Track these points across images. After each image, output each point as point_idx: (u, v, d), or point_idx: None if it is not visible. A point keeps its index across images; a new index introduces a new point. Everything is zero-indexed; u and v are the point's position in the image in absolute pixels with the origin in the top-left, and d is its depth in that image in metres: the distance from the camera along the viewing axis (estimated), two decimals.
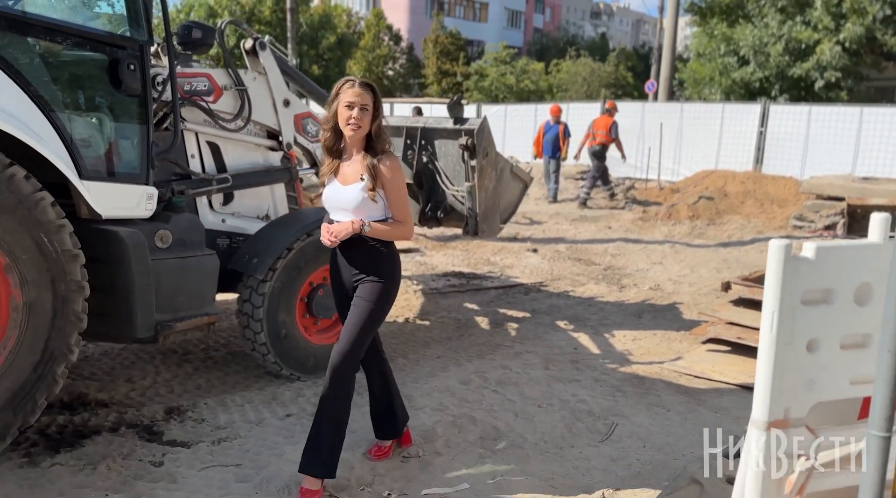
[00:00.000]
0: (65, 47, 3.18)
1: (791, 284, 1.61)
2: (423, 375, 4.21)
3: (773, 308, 1.62)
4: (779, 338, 1.62)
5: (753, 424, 1.69)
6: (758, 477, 1.67)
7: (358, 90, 2.67)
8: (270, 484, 2.75)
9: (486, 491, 2.84)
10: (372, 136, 2.73)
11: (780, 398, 1.65)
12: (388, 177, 2.71)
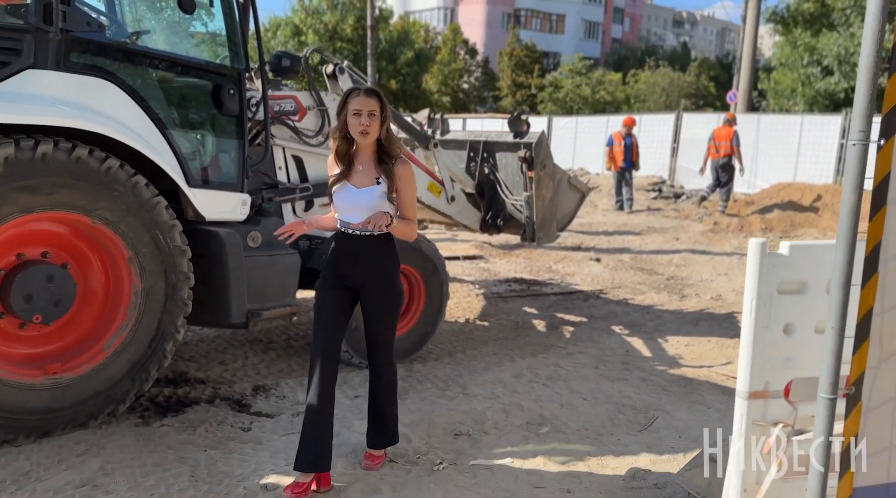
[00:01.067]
0: (176, 75, 3.76)
1: (767, 276, 1.92)
2: (478, 369, 4.59)
3: (751, 296, 1.93)
4: (757, 322, 1.93)
5: (737, 394, 2.00)
6: (740, 439, 1.98)
7: (364, 98, 2.77)
8: (340, 449, 3.20)
9: (526, 465, 3.19)
10: (382, 141, 2.85)
11: (760, 373, 1.96)
12: (403, 181, 2.86)
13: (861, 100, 1.58)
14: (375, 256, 2.91)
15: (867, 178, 1.61)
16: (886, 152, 1.62)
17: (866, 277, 1.67)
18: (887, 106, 1.62)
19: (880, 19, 1.54)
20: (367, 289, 2.94)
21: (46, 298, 3.10)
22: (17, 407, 2.99)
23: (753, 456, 1.98)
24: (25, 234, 3.10)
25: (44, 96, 3.11)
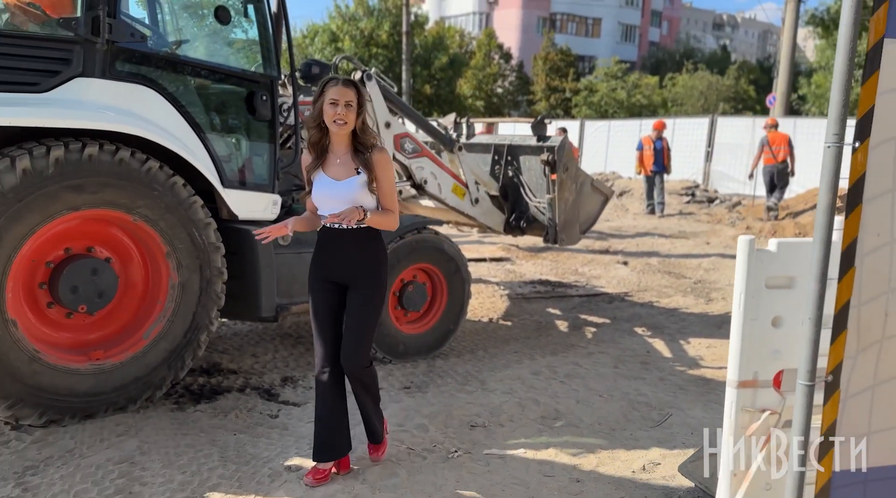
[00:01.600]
0: (212, 82, 3.99)
1: (755, 271, 2.03)
2: (498, 365, 4.72)
3: (740, 290, 2.04)
4: (745, 314, 2.04)
5: (728, 383, 2.11)
6: (730, 425, 2.09)
7: (341, 88, 2.73)
8: (360, 435, 3.37)
9: (538, 456, 3.32)
10: (357, 132, 2.80)
11: (749, 363, 2.06)
12: (380, 170, 2.81)
13: (835, 105, 1.69)
14: (361, 251, 2.87)
15: (842, 179, 1.72)
16: (860, 155, 1.72)
17: (843, 272, 1.77)
18: (861, 112, 1.72)
19: (853, 30, 1.65)
20: (353, 284, 2.90)
21: (91, 290, 3.35)
22: (64, 390, 3.23)
23: (743, 442, 2.08)
24: (72, 230, 3.34)
25: (91, 102, 3.35)
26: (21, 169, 3.04)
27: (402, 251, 4.53)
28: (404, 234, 4.54)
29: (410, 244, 4.56)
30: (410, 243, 4.56)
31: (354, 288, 2.90)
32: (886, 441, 1.90)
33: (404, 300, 4.65)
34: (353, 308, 2.89)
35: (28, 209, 3.08)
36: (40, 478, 2.79)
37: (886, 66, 1.69)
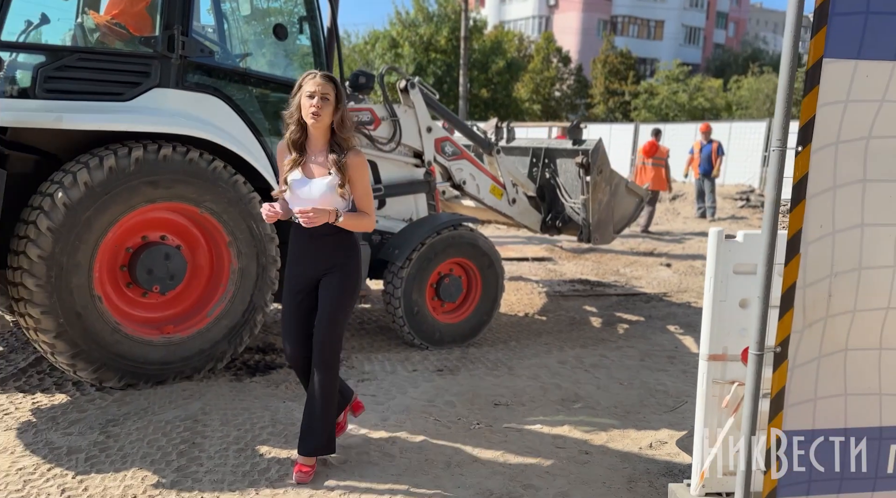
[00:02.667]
0: (271, 91, 4.47)
1: (724, 259, 2.32)
2: (528, 354, 5.04)
3: (711, 275, 2.34)
4: (715, 297, 2.33)
5: (700, 356, 2.40)
6: (702, 394, 2.38)
7: (319, 81, 2.70)
8: (394, 406, 3.78)
9: (553, 431, 3.64)
10: (335, 129, 2.77)
11: (719, 339, 2.35)
12: (355, 173, 2.77)
13: (779, 114, 1.98)
14: (333, 249, 2.85)
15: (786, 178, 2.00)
16: (803, 158, 2.00)
17: (789, 258, 2.05)
18: (803, 120, 1.99)
19: (793, 52, 1.94)
20: (324, 280, 2.89)
21: (163, 273, 3.86)
22: (139, 358, 3.75)
23: (714, 408, 2.37)
24: (148, 221, 3.86)
25: (166, 110, 3.87)
26: (108, 167, 3.57)
27: (438, 246, 4.92)
28: (441, 230, 4.93)
29: (446, 240, 4.94)
30: (446, 239, 4.94)
31: (325, 284, 2.88)
32: (832, 407, 2.16)
33: (441, 291, 5.03)
34: (326, 301, 2.87)
35: (113, 201, 3.60)
36: (120, 428, 3.29)
37: (825, 82, 1.97)
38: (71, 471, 2.88)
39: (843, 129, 2.01)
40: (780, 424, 2.12)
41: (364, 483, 2.93)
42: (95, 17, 4.34)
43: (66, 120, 3.57)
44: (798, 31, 1.95)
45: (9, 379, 3.88)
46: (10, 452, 3.03)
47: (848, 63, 1.98)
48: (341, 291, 2.88)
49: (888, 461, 2.21)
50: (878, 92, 2.00)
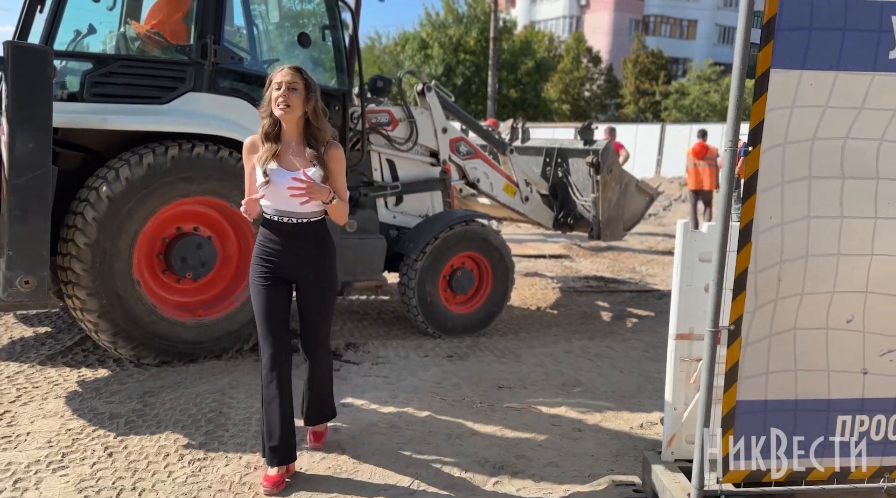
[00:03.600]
0: None
1: (690, 248, 2.57)
2: (535, 344, 5.31)
3: (678, 262, 2.60)
4: (682, 282, 2.59)
5: (669, 336, 2.66)
6: (671, 370, 2.64)
7: (287, 71, 2.68)
8: (404, 386, 4.09)
9: (551, 411, 3.91)
10: (310, 121, 2.72)
11: (685, 320, 2.61)
12: (335, 164, 2.75)
13: (731, 116, 2.23)
14: (312, 245, 2.82)
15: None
16: (753, 156, 2.25)
17: (741, 246, 2.30)
18: (753, 123, 2.24)
19: (743, 63, 2.19)
20: (305, 279, 2.85)
21: (196, 261, 4.22)
22: (173, 338, 4.12)
23: (681, 385, 2.63)
24: (182, 213, 4.23)
25: (199, 112, 4.23)
26: (147, 164, 3.95)
27: (451, 240, 5.21)
28: (454, 225, 5.22)
29: (459, 234, 5.24)
30: (459, 233, 5.24)
31: (306, 283, 2.86)
32: (783, 381, 2.39)
33: (453, 283, 5.33)
34: (313, 297, 2.88)
35: (151, 195, 3.97)
36: (155, 399, 3.66)
37: (772, 89, 2.22)
38: (112, 432, 3.25)
39: (789, 131, 2.25)
40: (734, 394, 2.37)
41: (371, 450, 3.25)
42: (136, 27, 4.73)
43: (111, 121, 3.96)
44: (748, 44, 2.20)
45: (57, 355, 4.29)
46: (60, 415, 3.41)
47: (793, 73, 2.22)
48: (327, 292, 2.92)
49: (835, 430, 2.44)
50: (822, 98, 2.24)
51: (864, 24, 2.21)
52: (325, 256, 2.89)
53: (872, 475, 2.50)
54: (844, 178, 2.30)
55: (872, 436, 2.46)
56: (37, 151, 3.53)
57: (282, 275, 2.84)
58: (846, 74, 2.24)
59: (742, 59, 2.20)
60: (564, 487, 2.98)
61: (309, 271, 2.86)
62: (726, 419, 2.40)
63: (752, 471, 2.44)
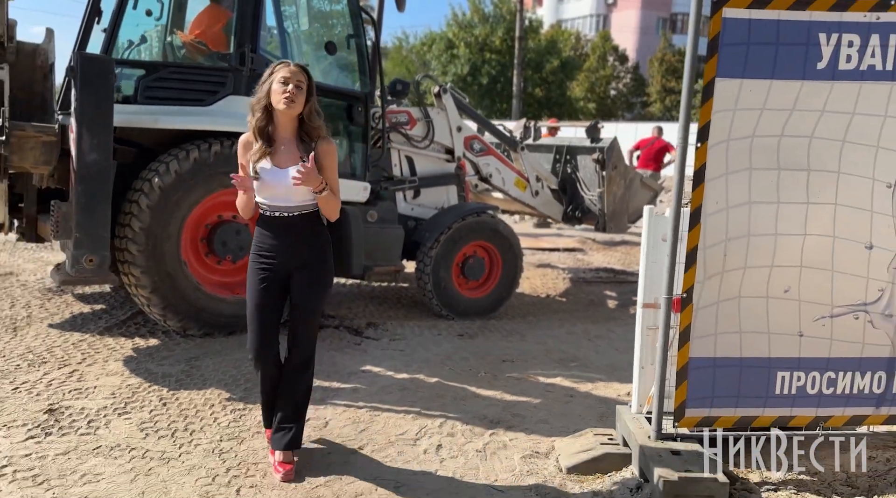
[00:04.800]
0: (322, 97, 5.28)
1: (654, 230, 3.02)
2: (541, 327, 5.76)
3: (644, 242, 3.04)
4: (648, 259, 3.03)
5: (637, 306, 3.11)
6: (639, 335, 3.09)
7: (293, 69, 2.67)
8: (417, 358, 4.58)
9: (547, 380, 4.36)
10: (304, 119, 2.73)
11: (651, 292, 3.05)
12: (326, 159, 2.75)
13: (682, 115, 2.67)
14: (306, 238, 2.82)
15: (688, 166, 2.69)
16: (702, 151, 2.68)
17: (692, 227, 2.73)
18: (701, 124, 2.67)
19: (692, 72, 2.63)
20: (299, 275, 2.85)
21: (235, 245, 4.76)
22: (215, 312, 4.66)
23: (648, 348, 3.07)
24: (223, 203, 4.75)
25: (238, 113, 4.74)
26: (193, 158, 4.49)
27: (463, 230, 5.69)
28: (466, 217, 5.70)
29: (471, 225, 5.71)
30: (471, 224, 5.71)
31: (300, 279, 2.85)
32: (729, 341, 2.82)
33: (466, 270, 5.80)
34: (304, 291, 2.86)
35: (196, 186, 4.52)
36: (201, 363, 4.21)
37: (717, 95, 2.65)
38: (165, 387, 3.80)
39: (732, 130, 2.69)
40: (687, 352, 2.82)
41: (385, 405, 3.75)
42: (182, 36, 5.30)
43: (161, 121, 4.52)
44: (696, 58, 2.65)
45: (113, 327, 4.87)
46: (120, 374, 3.97)
47: (735, 81, 2.66)
48: (323, 286, 2.92)
49: (776, 385, 2.87)
50: (759, 102, 2.67)
51: (793, 39, 2.63)
52: (318, 249, 2.86)
53: (809, 424, 2.93)
54: (780, 169, 2.73)
55: (808, 390, 2.88)
56: (100, 148, 4.09)
57: (277, 270, 2.83)
58: (780, 82, 2.66)
59: (691, 70, 2.65)
60: (551, 438, 3.43)
61: (302, 264, 2.83)
62: (680, 373, 2.84)
63: (703, 417, 2.88)
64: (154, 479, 2.81)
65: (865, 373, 2.88)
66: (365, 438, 3.34)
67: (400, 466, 3.06)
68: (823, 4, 2.63)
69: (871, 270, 2.82)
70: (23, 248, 7.43)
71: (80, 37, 5.18)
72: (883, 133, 2.73)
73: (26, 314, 5.06)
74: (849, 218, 2.78)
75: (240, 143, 2.85)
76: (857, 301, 2.83)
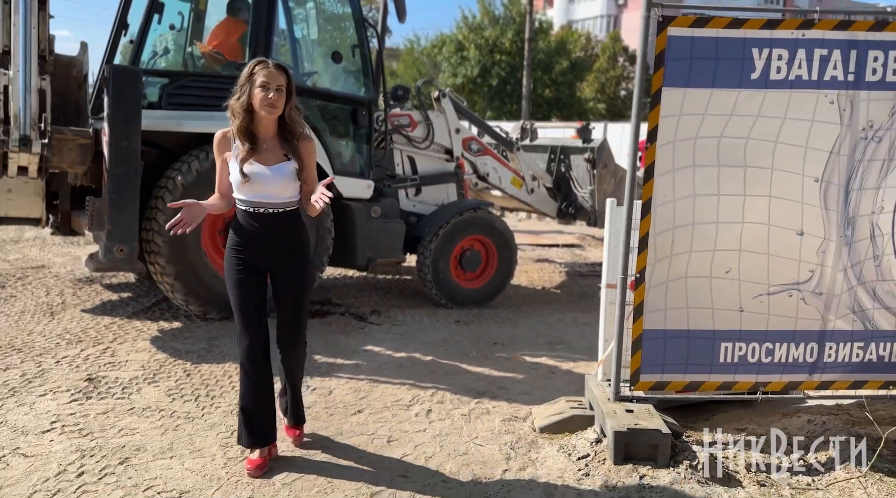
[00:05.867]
0: (330, 102, 5.79)
1: (614, 220, 3.44)
2: (533, 315, 6.18)
3: (607, 230, 3.47)
4: (610, 245, 3.46)
5: (601, 286, 3.53)
6: (603, 311, 3.52)
7: (273, 71, 2.67)
8: (414, 341, 5.02)
9: (534, 360, 4.79)
10: (286, 119, 2.77)
11: (613, 273, 3.47)
12: (308, 157, 2.82)
13: (634, 118, 3.09)
14: (289, 237, 2.86)
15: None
16: (651, 151, 3.10)
17: (643, 216, 3.15)
18: (650, 127, 3.09)
19: (642, 83, 3.05)
20: (283, 272, 2.88)
21: None
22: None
23: (611, 321, 3.49)
24: None
25: None
26: (211, 159, 4.94)
27: (461, 225, 6.13)
28: (463, 212, 6.14)
29: (468, 220, 6.15)
30: (468, 219, 6.15)
31: (285, 276, 2.90)
32: (678, 315, 3.23)
33: (463, 262, 6.24)
34: (290, 286, 2.91)
35: (214, 183, 4.97)
36: (220, 342, 4.68)
37: (664, 102, 3.06)
38: (189, 362, 4.27)
39: (678, 132, 3.11)
40: (641, 325, 3.24)
41: (383, 378, 4.19)
42: (200, 47, 5.78)
43: (184, 125, 4.99)
44: (644, 70, 3.07)
45: (140, 312, 5.36)
46: (148, 351, 4.45)
47: (680, 90, 3.08)
48: (305, 282, 2.98)
49: (720, 354, 3.28)
50: (701, 109, 3.09)
51: (730, 54, 3.05)
52: (300, 245, 2.91)
53: (750, 388, 3.34)
54: (720, 166, 3.14)
55: (749, 359, 3.29)
56: (130, 149, 4.57)
57: (257, 265, 2.85)
58: (719, 91, 3.08)
59: (640, 81, 3.08)
60: (530, 407, 3.86)
61: (284, 261, 2.87)
62: (635, 343, 3.26)
63: (655, 382, 3.30)
64: (181, 433, 3.28)
65: (799, 344, 3.29)
66: (364, 404, 3.79)
67: (393, 425, 3.50)
68: (756, 24, 3.04)
69: (802, 254, 3.22)
70: (51, 243, 7.97)
71: (109, 48, 5.69)
72: (811, 135, 3.14)
73: (61, 301, 5.56)
74: (782, 208, 3.18)
75: (216, 139, 2.87)
76: (791, 281, 3.24)
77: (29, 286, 5.96)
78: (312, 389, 3.95)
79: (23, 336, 4.64)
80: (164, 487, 2.77)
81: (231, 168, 2.82)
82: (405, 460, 3.11)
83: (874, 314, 3.28)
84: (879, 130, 3.13)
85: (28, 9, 4.26)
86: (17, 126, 4.27)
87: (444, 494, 2.82)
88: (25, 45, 4.25)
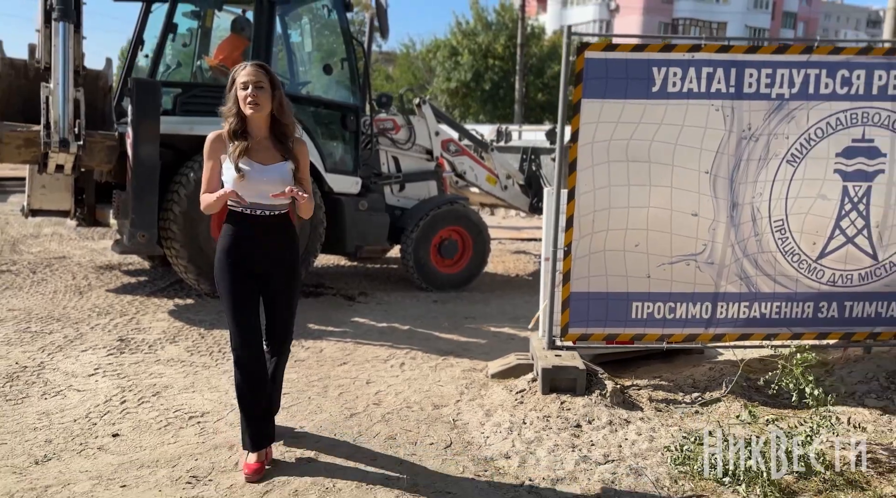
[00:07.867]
0: (322, 108, 6.59)
1: (550, 205, 4.25)
2: (505, 297, 6.96)
3: (546, 214, 4.27)
4: (546, 225, 4.27)
5: (541, 259, 4.34)
6: (542, 278, 4.33)
7: (251, 70, 2.70)
8: (396, 315, 5.82)
9: (503, 331, 5.58)
10: (276, 116, 2.78)
11: (548, 248, 4.28)
12: (302, 158, 2.86)
13: (560, 126, 3.89)
14: (279, 237, 2.88)
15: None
16: (574, 150, 3.90)
17: (569, 202, 3.95)
18: (572, 131, 3.89)
19: (565, 93, 3.85)
20: (274, 275, 2.89)
21: None
22: None
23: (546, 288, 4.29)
24: None
25: None
26: None
27: (440, 216, 6.93)
28: (441, 206, 6.94)
29: (445, 212, 6.95)
30: (445, 212, 6.95)
31: (275, 278, 2.91)
32: (599, 281, 4.03)
33: (442, 250, 7.04)
34: (281, 289, 2.93)
35: None
36: None
37: (583, 112, 3.86)
38: (202, 328, 5.07)
39: (595, 135, 3.91)
40: (568, 289, 4.04)
41: (366, 341, 5.00)
42: (208, 61, 6.59)
43: (196, 129, 5.79)
44: (567, 85, 3.88)
45: (157, 292, 6.16)
46: (167, 320, 5.25)
47: (598, 102, 3.88)
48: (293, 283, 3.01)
49: (632, 311, 4.08)
50: (615, 117, 3.89)
51: (638, 73, 3.85)
52: (290, 248, 2.95)
53: (657, 339, 4.14)
54: (629, 162, 3.94)
55: (655, 315, 4.09)
56: (150, 150, 5.37)
57: (249, 267, 2.85)
58: (630, 102, 3.88)
59: (563, 95, 3.89)
60: (487, 362, 4.66)
61: (275, 263, 2.89)
62: (564, 303, 4.06)
63: (581, 334, 4.10)
64: (200, 376, 4.08)
65: (696, 303, 4.10)
66: (349, 358, 4.59)
67: (372, 373, 4.31)
68: (655, 48, 3.86)
69: (698, 232, 4.03)
70: (68, 238, 8.75)
71: (128, 62, 6.50)
72: (704, 138, 3.95)
73: (87, 283, 6.36)
74: (680, 196, 3.99)
75: (209, 140, 2.88)
76: (689, 253, 4.05)
77: (56, 272, 6.75)
78: (306, 348, 4.74)
79: (59, 310, 5.44)
80: (190, 410, 3.57)
81: (225, 168, 2.82)
82: (379, 394, 3.92)
83: (757, 280, 4.09)
84: (756, 132, 3.94)
85: (66, 32, 5.06)
86: (56, 130, 5.06)
87: (407, 415, 3.62)
88: (64, 62, 5.04)
